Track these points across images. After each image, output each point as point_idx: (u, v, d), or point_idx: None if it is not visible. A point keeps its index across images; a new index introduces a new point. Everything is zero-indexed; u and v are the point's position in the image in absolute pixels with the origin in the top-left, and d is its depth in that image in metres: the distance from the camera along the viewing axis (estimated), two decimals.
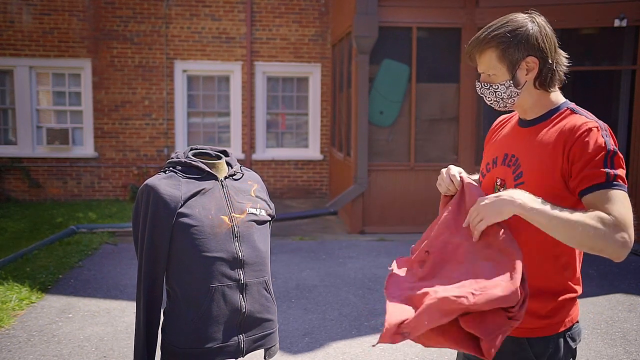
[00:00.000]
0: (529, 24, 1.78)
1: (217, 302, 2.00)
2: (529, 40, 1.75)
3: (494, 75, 1.81)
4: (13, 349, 4.27)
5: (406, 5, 8.14)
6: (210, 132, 11.05)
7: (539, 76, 1.79)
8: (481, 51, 1.80)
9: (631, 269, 6.57)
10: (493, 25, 1.81)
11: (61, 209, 9.74)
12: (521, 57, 1.76)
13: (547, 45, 1.78)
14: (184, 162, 2.10)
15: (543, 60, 1.77)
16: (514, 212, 1.63)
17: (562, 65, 1.83)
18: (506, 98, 1.82)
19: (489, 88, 1.83)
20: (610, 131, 1.72)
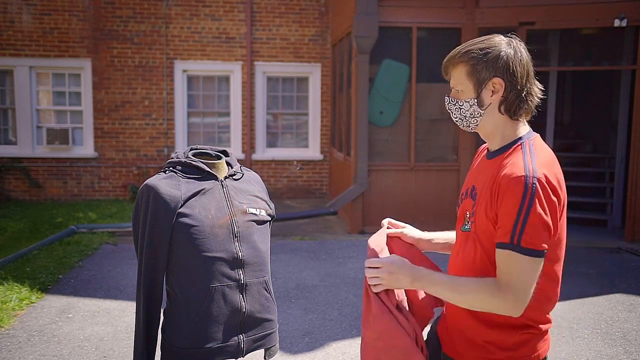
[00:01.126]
0: (503, 46, 1.73)
1: (217, 302, 2.00)
2: (498, 61, 1.70)
3: (461, 92, 1.77)
4: (13, 349, 4.27)
5: (406, 5, 8.14)
6: (210, 132, 11.05)
7: (505, 101, 1.73)
8: (454, 65, 1.77)
9: (631, 269, 6.57)
10: (470, 41, 1.78)
11: (61, 209, 9.74)
12: (488, 77, 1.71)
13: (519, 71, 1.71)
14: (184, 162, 2.10)
15: (511, 84, 1.71)
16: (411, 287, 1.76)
17: (534, 96, 1.76)
18: (469, 117, 1.78)
19: (455, 104, 1.80)
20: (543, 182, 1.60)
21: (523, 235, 1.58)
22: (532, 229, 1.58)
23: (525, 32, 7.78)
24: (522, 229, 1.58)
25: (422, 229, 2.20)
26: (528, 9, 7.86)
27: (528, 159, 1.66)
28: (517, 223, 1.59)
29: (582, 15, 7.76)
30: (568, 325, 4.84)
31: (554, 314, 5.21)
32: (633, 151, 7.71)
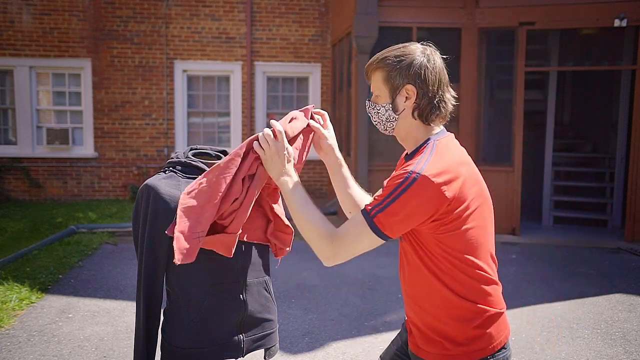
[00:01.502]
0: (417, 54, 1.81)
1: (217, 302, 2.00)
2: (411, 68, 1.78)
3: (379, 97, 1.86)
4: (13, 349, 4.27)
5: (406, 5, 8.14)
6: (210, 132, 11.05)
7: (417, 107, 1.81)
8: (372, 70, 1.86)
9: (631, 269, 6.57)
10: (388, 48, 1.86)
11: (61, 209, 9.74)
12: (401, 84, 1.80)
13: (430, 79, 1.79)
14: (184, 162, 2.10)
15: (423, 91, 1.79)
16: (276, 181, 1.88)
17: (447, 103, 1.83)
18: (385, 121, 1.87)
19: (374, 108, 1.88)
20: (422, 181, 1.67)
21: (380, 214, 1.70)
22: (391, 213, 1.69)
23: (525, 32, 7.78)
24: (383, 208, 1.70)
25: None
26: (528, 9, 7.87)
27: (424, 158, 1.75)
28: (383, 201, 1.70)
29: (582, 15, 7.76)
30: (568, 325, 4.84)
31: (554, 313, 5.21)
32: (633, 151, 7.71)
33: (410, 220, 1.70)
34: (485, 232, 1.83)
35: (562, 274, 6.32)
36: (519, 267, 6.53)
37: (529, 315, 5.06)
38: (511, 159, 8.08)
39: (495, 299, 1.86)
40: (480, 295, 1.81)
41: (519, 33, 7.84)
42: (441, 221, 1.72)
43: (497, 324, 1.84)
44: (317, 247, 1.81)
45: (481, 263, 1.81)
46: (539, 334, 4.65)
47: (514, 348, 4.39)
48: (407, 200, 1.67)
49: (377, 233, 1.71)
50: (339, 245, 1.77)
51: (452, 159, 1.77)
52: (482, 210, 1.81)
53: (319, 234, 1.79)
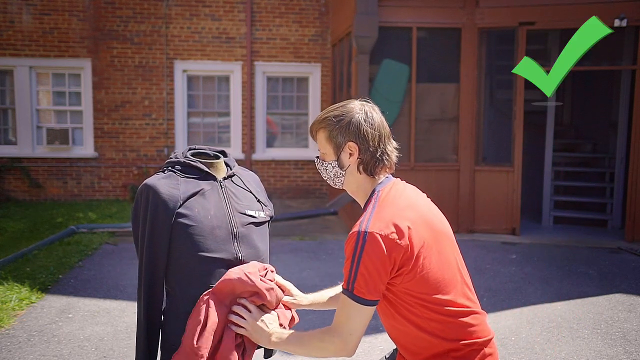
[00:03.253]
0: (355, 112, 1.87)
1: None
2: (350, 127, 1.85)
3: (325, 154, 1.93)
4: (13, 349, 4.27)
5: (406, 5, 8.14)
6: (210, 132, 11.05)
7: (362, 162, 1.88)
8: (316, 131, 1.93)
9: (631, 269, 6.57)
10: (329, 108, 1.94)
11: (61, 209, 9.74)
12: (343, 142, 1.87)
13: (370, 134, 1.85)
14: (183, 162, 2.11)
15: (364, 147, 1.86)
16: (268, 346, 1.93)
17: (390, 155, 1.91)
18: (333, 177, 1.95)
19: (322, 165, 1.96)
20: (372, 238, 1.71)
21: (355, 284, 1.74)
22: (361, 279, 1.73)
23: (525, 32, 7.78)
24: (355, 277, 1.73)
25: None
26: (528, 9, 7.86)
27: (367, 214, 1.79)
28: (351, 271, 1.74)
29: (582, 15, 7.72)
30: (568, 325, 4.84)
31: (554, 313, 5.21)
32: (633, 151, 7.71)
33: (381, 277, 1.73)
34: (449, 267, 1.84)
35: (562, 274, 6.32)
36: (519, 267, 6.53)
37: (529, 315, 5.06)
38: (511, 159, 8.08)
39: (479, 329, 1.85)
40: (462, 331, 1.82)
41: (519, 33, 7.84)
42: (403, 269, 1.74)
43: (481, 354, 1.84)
44: (330, 353, 1.81)
45: (453, 298, 1.82)
46: (539, 334, 4.65)
47: (514, 348, 4.39)
48: (368, 259, 1.71)
49: (364, 303, 1.74)
50: (341, 334, 1.77)
51: (394, 207, 1.80)
52: (439, 246, 1.83)
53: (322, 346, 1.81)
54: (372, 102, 1.96)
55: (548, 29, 8.34)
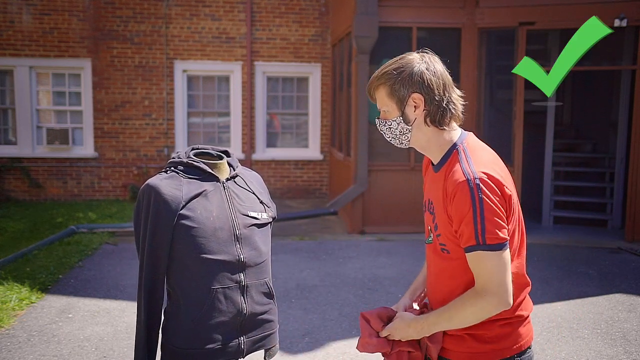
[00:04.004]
0: (416, 62, 1.80)
1: (218, 304, 2.00)
2: (413, 77, 1.78)
3: (387, 112, 1.85)
4: (13, 349, 4.27)
5: (406, 5, 8.14)
6: (210, 132, 11.05)
7: (428, 113, 1.80)
8: (375, 88, 1.85)
9: (631, 269, 6.57)
10: (386, 63, 1.85)
11: (61, 209, 9.74)
12: (407, 94, 1.79)
13: (434, 83, 1.78)
14: (186, 163, 2.10)
15: (429, 97, 1.78)
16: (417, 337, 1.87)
17: (456, 103, 1.83)
18: (399, 135, 1.86)
19: (384, 124, 1.88)
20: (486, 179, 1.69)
21: (485, 234, 1.66)
22: (490, 224, 1.66)
23: (525, 32, 7.78)
24: (483, 227, 1.66)
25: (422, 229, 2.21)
26: (528, 9, 7.86)
27: (465, 163, 1.74)
28: (476, 224, 1.66)
29: (582, 15, 7.72)
30: (568, 325, 4.84)
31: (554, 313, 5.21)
32: (633, 151, 7.71)
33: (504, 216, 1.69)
34: (523, 233, 1.84)
35: (562, 274, 6.32)
36: None
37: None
38: (511, 159, 8.08)
39: (526, 301, 1.87)
40: (519, 301, 1.82)
41: (519, 33, 7.84)
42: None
43: (525, 323, 1.85)
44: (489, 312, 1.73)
45: (522, 264, 1.82)
46: (539, 334, 4.65)
47: None
48: (490, 202, 1.66)
49: (500, 248, 1.67)
50: (492, 292, 1.69)
51: (487, 156, 1.79)
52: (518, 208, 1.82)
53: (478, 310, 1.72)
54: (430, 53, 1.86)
55: (548, 29, 8.34)
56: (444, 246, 1.81)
